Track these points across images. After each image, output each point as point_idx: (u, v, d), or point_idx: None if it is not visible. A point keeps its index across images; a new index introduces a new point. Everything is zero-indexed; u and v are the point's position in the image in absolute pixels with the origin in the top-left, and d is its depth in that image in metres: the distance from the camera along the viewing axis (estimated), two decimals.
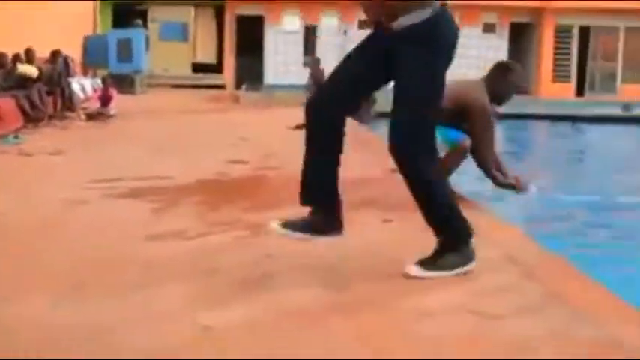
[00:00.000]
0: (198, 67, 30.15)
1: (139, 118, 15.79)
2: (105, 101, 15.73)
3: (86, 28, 25.49)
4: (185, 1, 29.98)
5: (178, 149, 10.33)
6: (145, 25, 27.63)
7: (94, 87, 18.57)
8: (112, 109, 15.57)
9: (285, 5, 30.50)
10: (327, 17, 30.91)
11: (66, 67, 16.88)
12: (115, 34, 25.26)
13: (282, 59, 30.82)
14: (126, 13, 27.70)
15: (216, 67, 30.46)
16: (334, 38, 29.47)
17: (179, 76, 28.37)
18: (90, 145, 10.92)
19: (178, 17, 30.15)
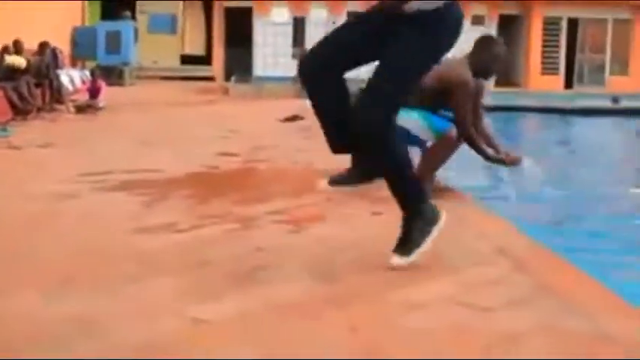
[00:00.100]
0: (187, 59, 30.10)
1: (128, 111, 15.77)
2: (94, 93, 15.71)
3: (74, 20, 25.41)
4: None
5: (168, 142, 10.33)
6: (134, 17, 27.57)
7: (82, 79, 18.53)
8: (101, 101, 15.55)
9: None
10: (315, 9, 30.89)
11: (54, 59, 16.86)
12: (104, 26, 25.23)
13: (271, 51, 30.81)
14: (114, 4, 27.63)
15: (205, 59, 30.43)
16: (323, 30, 29.45)
17: (168, 68, 28.35)
18: (79, 137, 10.91)
19: (167, 9, 30.09)
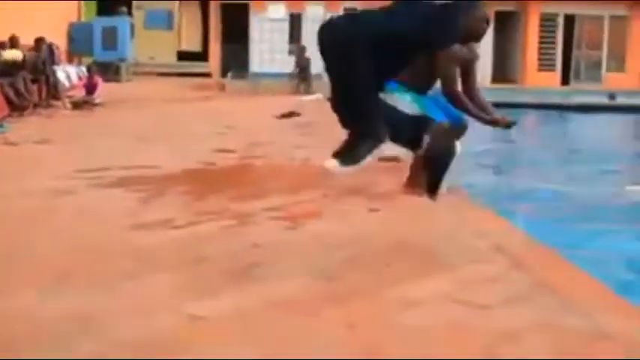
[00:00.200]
0: (184, 56, 30.04)
1: (125, 107, 15.74)
2: (90, 89, 15.68)
3: (71, 15, 25.35)
4: None
5: (164, 138, 10.31)
6: (130, 12, 27.51)
7: (79, 75, 18.50)
8: (98, 97, 15.51)
9: None
10: (312, 5, 30.84)
11: (51, 54, 16.81)
12: (100, 22, 25.17)
13: (268, 47, 30.75)
14: (110, 0, 27.56)
15: (202, 56, 30.37)
16: (319, 26, 29.39)
17: (164, 64, 28.28)
18: (76, 133, 10.88)
19: (163, 5, 30.04)
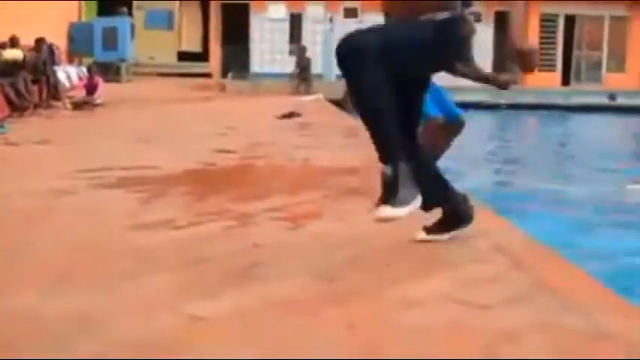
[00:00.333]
0: (184, 56, 30.08)
1: (125, 107, 15.75)
2: (91, 90, 15.71)
3: (71, 16, 25.37)
4: None
5: (165, 138, 10.32)
6: (130, 13, 27.53)
7: (79, 75, 18.53)
8: (98, 97, 15.54)
9: None
10: (312, 5, 30.86)
11: (51, 55, 16.84)
12: (100, 22, 25.21)
13: (268, 47, 30.78)
14: (111, 1, 27.59)
15: (202, 56, 30.40)
16: (320, 26, 29.42)
17: (165, 65, 28.32)
18: (76, 134, 10.90)
19: (163, 5, 30.05)
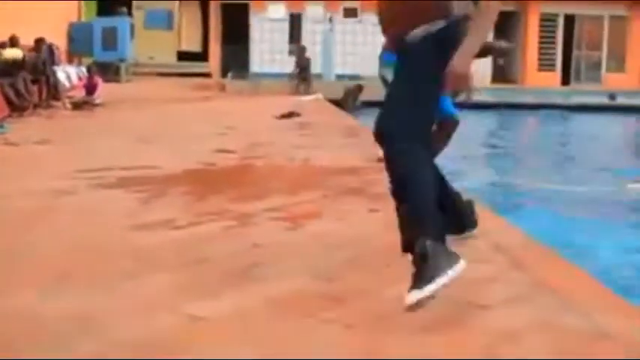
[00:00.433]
0: (184, 56, 30.06)
1: (125, 107, 15.75)
2: (90, 90, 15.71)
3: (71, 16, 25.37)
4: None
5: (165, 138, 10.32)
6: (130, 12, 27.52)
7: (79, 75, 18.53)
8: (98, 97, 15.54)
9: None
10: (311, 5, 30.85)
11: (51, 55, 16.84)
12: (100, 22, 25.20)
13: (268, 47, 30.78)
14: (111, 1, 27.58)
15: (202, 56, 30.39)
16: (319, 26, 29.41)
17: (164, 65, 28.29)
18: (76, 134, 10.90)
19: (163, 5, 30.04)
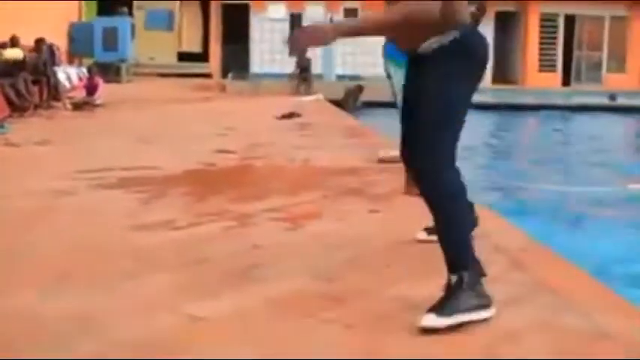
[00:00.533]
0: (184, 56, 30.06)
1: (126, 108, 15.75)
2: (91, 90, 15.71)
3: (71, 16, 25.37)
4: None
5: (165, 139, 10.32)
6: (131, 13, 27.52)
7: (79, 76, 18.54)
8: (98, 98, 15.54)
9: None
10: (312, 5, 30.86)
11: (51, 55, 16.83)
12: (101, 23, 25.20)
13: (268, 47, 30.77)
14: (111, 1, 27.59)
15: (202, 56, 30.39)
16: None
17: (165, 65, 28.29)
18: (76, 134, 10.90)
19: (164, 5, 30.04)
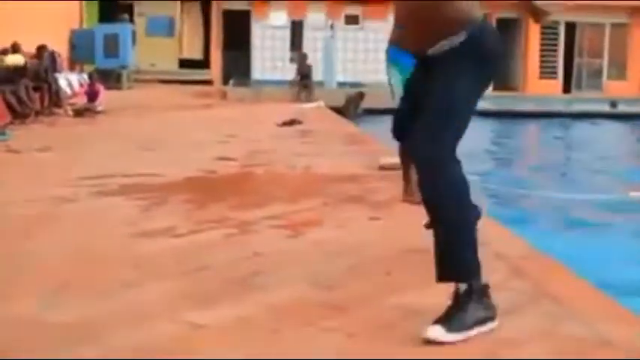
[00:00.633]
0: (185, 63, 30.07)
1: (127, 114, 15.75)
2: (92, 97, 15.71)
3: (72, 23, 25.39)
4: None
5: (166, 146, 10.32)
6: (132, 19, 27.55)
7: (80, 82, 18.53)
8: (99, 105, 15.54)
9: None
10: (313, 12, 30.88)
11: (52, 62, 16.86)
12: (102, 29, 25.19)
13: (270, 54, 30.79)
14: (112, 7, 27.62)
15: (203, 63, 30.40)
16: (321, 33, 29.42)
17: (166, 72, 28.28)
18: (77, 141, 10.91)
19: (165, 11, 30.06)
